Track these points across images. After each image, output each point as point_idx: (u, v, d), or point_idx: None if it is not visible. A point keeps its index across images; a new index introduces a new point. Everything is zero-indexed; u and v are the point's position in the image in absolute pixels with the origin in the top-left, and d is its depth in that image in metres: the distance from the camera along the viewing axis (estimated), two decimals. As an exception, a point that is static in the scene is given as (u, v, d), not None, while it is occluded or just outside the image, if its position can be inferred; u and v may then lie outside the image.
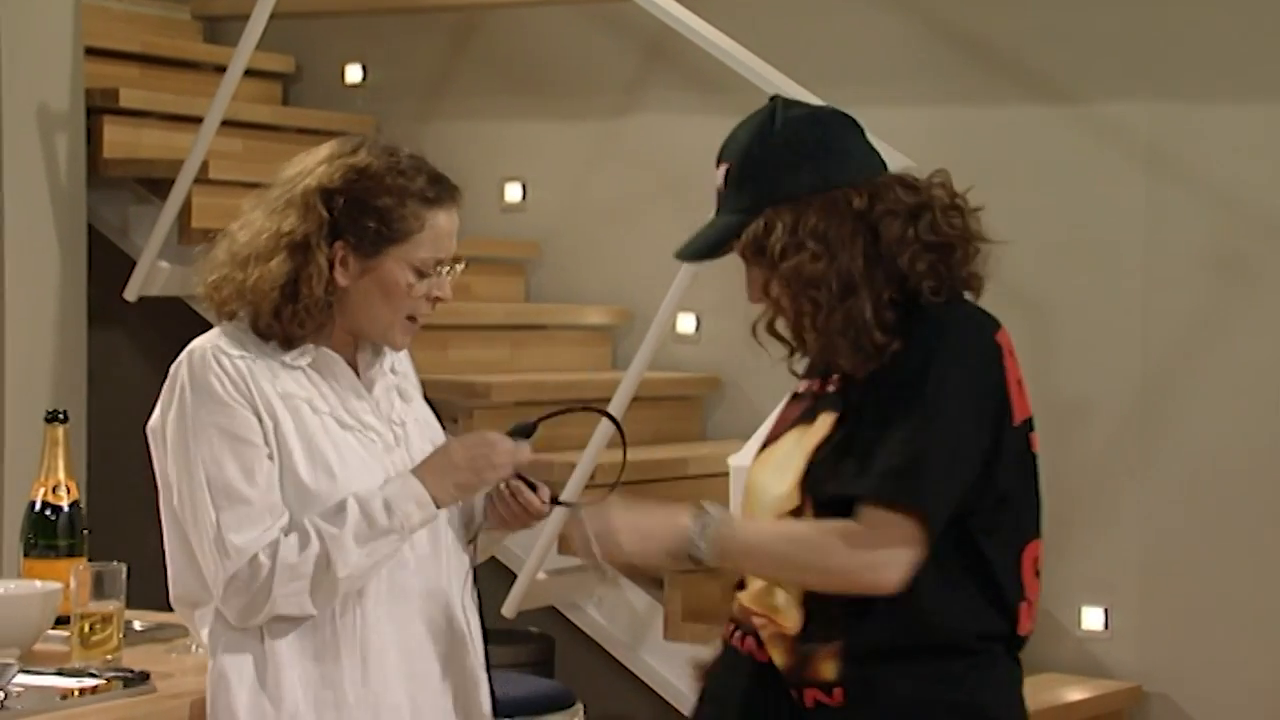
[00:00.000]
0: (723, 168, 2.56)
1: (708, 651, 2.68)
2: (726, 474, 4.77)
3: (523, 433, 2.68)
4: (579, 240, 5.69)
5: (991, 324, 2.50)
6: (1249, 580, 4.79)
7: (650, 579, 4.85)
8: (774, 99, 2.57)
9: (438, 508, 2.64)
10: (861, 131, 2.55)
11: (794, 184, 2.48)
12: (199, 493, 2.60)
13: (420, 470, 2.65)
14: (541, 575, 4.67)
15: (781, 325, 2.59)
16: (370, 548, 2.59)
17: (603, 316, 5.62)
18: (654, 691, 4.82)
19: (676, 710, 4.76)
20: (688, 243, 2.59)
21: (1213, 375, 4.86)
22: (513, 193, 5.77)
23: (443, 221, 2.67)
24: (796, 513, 2.48)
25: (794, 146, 2.50)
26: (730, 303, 5.47)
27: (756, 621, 2.54)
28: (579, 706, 3.75)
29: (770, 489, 2.53)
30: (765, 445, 2.61)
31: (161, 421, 2.66)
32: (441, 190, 2.67)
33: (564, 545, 4.53)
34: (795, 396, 2.63)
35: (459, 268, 2.70)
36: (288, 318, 2.64)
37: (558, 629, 4.97)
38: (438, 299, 2.69)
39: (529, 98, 5.76)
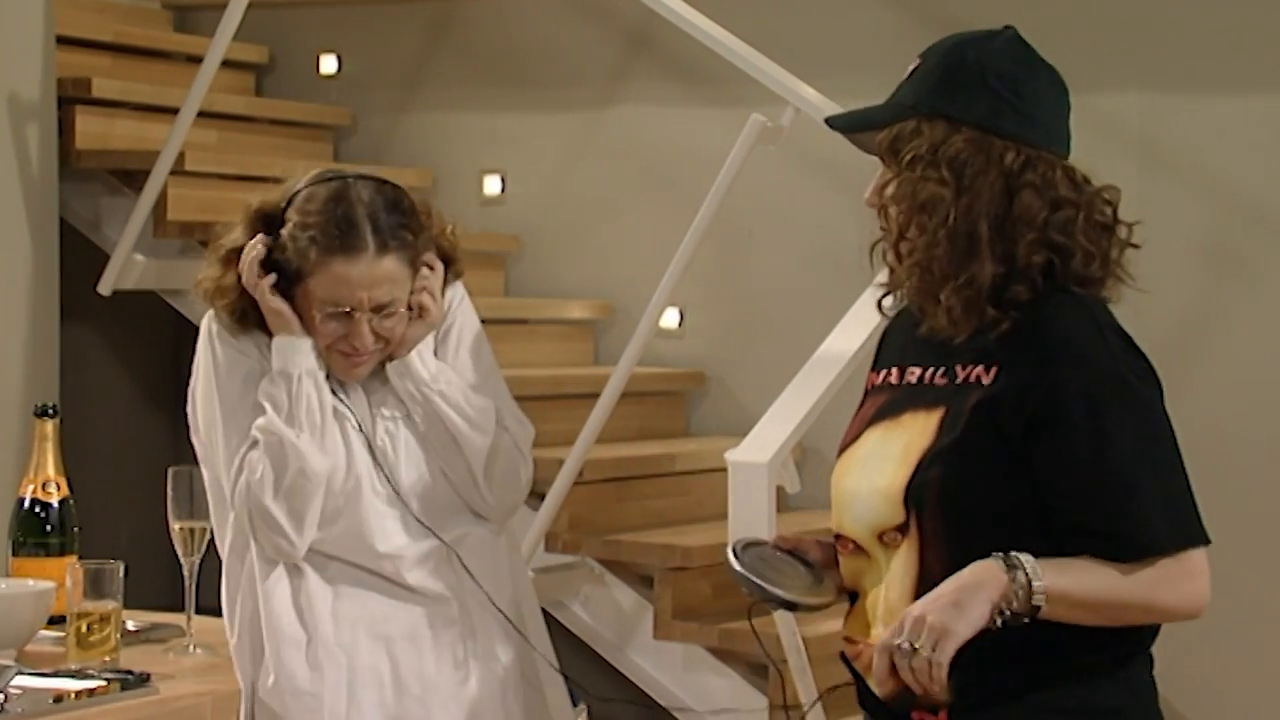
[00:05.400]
0: (915, 63, 2.40)
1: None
2: (712, 470, 4.71)
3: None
4: (560, 234, 5.62)
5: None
6: (1246, 579, 4.75)
7: (638, 576, 4.78)
8: (1009, 29, 2.41)
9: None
10: (1068, 110, 2.37)
11: (964, 106, 2.32)
12: None
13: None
14: (529, 573, 4.58)
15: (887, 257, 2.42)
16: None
17: (584, 311, 5.55)
18: (643, 691, 4.74)
19: (665, 710, 4.70)
20: (841, 114, 2.45)
21: (1205, 369, 4.82)
22: (492, 185, 5.70)
23: (340, 269, 2.66)
24: (901, 530, 2.30)
25: (992, 73, 2.33)
26: (714, 297, 5.48)
27: (850, 651, 2.38)
28: (582, 707, 3.67)
29: (860, 498, 2.36)
30: (845, 446, 2.43)
31: None
32: (342, 239, 2.67)
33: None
34: (870, 391, 2.46)
35: (385, 317, 2.70)
36: (226, 318, 2.76)
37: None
38: (354, 348, 2.71)
39: (508, 89, 5.68)
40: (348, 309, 2.68)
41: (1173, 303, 4.86)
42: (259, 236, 2.71)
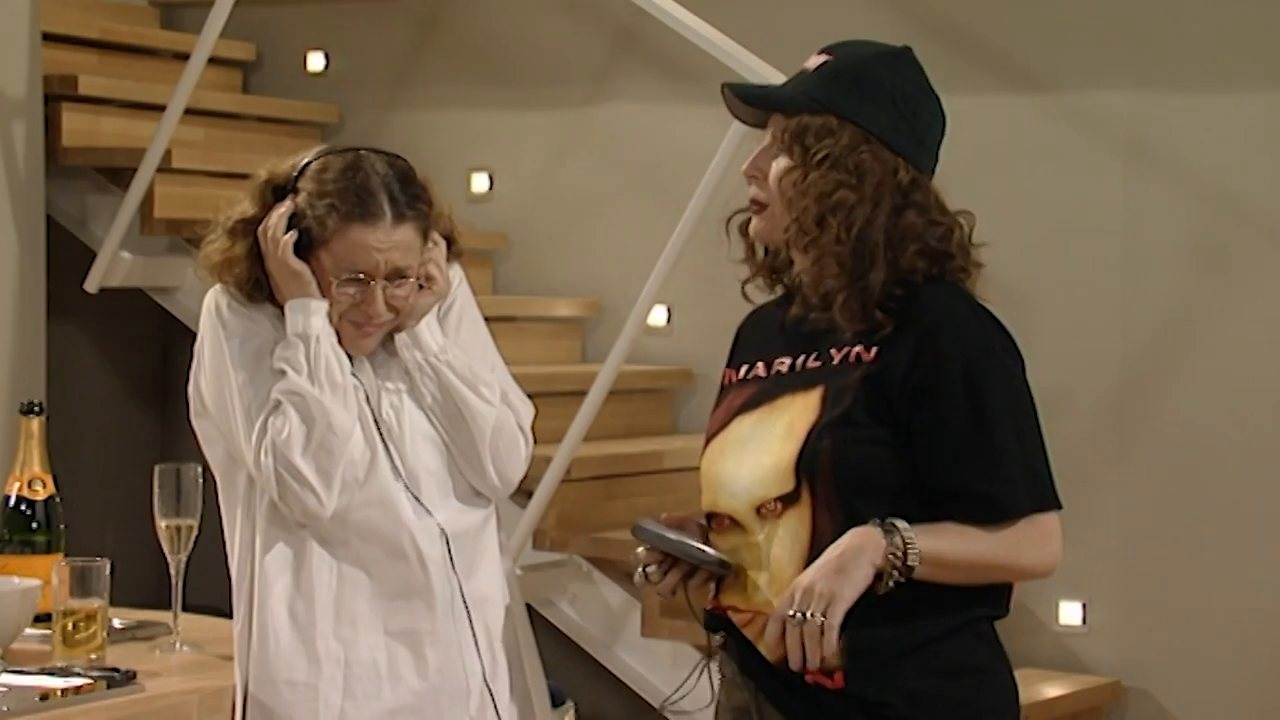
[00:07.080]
0: (823, 57, 2.55)
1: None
2: (700, 468, 4.71)
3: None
4: (547, 231, 5.62)
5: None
6: (1228, 574, 4.76)
7: (626, 574, 4.77)
8: (908, 49, 2.58)
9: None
10: (943, 133, 2.57)
11: (873, 118, 2.49)
12: None
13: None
14: (517, 571, 4.59)
15: (755, 228, 2.59)
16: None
17: (572, 309, 5.54)
18: (631, 689, 4.74)
19: (654, 708, 4.69)
20: (744, 84, 2.60)
21: (1192, 366, 4.83)
22: (479, 183, 5.70)
23: (357, 235, 2.70)
24: (791, 498, 2.44)
25: (899, 95, 2.51)
26: (701, 294, 5.47)
27: (739, 619, 2.51)
28: (570, 705, 3.68)
29: (739, 477, 2.49)
30: (711, 437, 2.58)
31: None
32: (360, 206, 2.71)
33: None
34: (732, 386, 2.61)
35: (398, 285, 2.73)
36: (237, 290, 2.78)
37: (531, 626, 4.88)
38: (367, 317, 2.74)
39: (495, 86, 5.68)
40: (363, 275, 2.71)
41: (1159, 299, 4.86)
42: (286, 200, 2.74)
